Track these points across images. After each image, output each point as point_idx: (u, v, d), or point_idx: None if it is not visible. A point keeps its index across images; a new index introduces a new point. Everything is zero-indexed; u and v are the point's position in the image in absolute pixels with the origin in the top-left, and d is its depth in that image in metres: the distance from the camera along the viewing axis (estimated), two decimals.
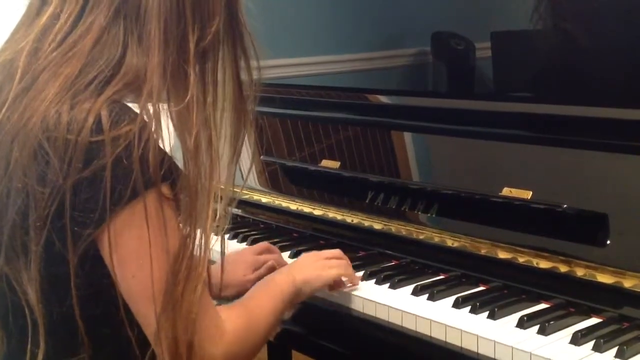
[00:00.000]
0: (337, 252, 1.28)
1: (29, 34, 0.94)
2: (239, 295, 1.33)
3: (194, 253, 0.91)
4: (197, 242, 0.91)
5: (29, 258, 0.88)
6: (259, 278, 1.34)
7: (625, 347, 0.98)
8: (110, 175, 0.84)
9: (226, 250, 1.46)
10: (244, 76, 0.99)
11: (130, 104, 0.92)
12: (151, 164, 0.86)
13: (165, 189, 0.89)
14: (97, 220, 0.86)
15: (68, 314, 0.89)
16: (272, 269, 1.34)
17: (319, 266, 1.21)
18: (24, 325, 0.91)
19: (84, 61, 0.89)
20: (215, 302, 1.34)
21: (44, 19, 0.93)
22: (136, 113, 0.89)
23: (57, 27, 0.92)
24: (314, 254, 1.25)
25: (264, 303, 1.08)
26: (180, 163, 0.93)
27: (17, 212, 0.88)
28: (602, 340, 1.00)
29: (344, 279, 1.26)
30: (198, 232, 0.92)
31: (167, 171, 0.89)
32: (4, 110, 0.91)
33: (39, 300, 0.89)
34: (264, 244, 1.42)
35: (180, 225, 0.91)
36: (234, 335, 0.97)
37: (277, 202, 1.67)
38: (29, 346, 0.91)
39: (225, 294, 1.33)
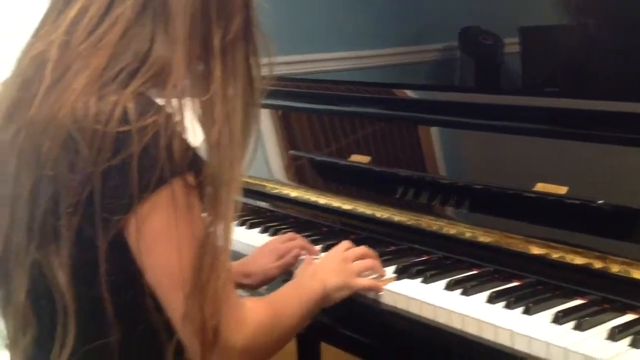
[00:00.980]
0: (363, 250, 1.28)
1: (58, 26, 0.96)
2: (263, 283, 1.36)
3: (217, 243, 0.93)
4: (219, 232, 0.94)
5: (60, 244, 0.91)
6: (283, 266, 1.36)
7: None
8: (137, 163, 0.87)
9: (255, 243, 1.49)
10: (254, 72, 1.02)
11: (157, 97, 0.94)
12: (176, 153, 0.89)
13: (190, 178, 0.92)
14: (125, 206, 0.89)
15: (97, 299, 0.91)
16: (296, 257, 1.36)
17: (349, 273, 1.21)
18: (54, 310, 0.93)
19: (111, 53, 0.92)
20: (245, 293, 1.37)
21: (73, 11, 0.95)
22: (161, 105, 0.91)
23: (86, 20, 0.94)
24: (341, 256, 1.24)
25: (290, 304, 1.10)
26: (202, 153, 0.95)
27: (49, 200, 0.91)
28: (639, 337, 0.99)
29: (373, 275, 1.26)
30: (221, 221, 0.94)
31: (192, 160, 0.92)
32: (37, 102, 0.93)
33: (70, 286, 0.91)
34: (289, 234, 1.43)
35: (204, 215, 0.94)
36: (255, 327, 0.98)
37: (306, 196, 1.67)
38: (58, 331, 0.93)
39: (249, 282, 1.36)
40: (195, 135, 0.97)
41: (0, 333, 1.04)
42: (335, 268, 1.21)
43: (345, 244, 1.29)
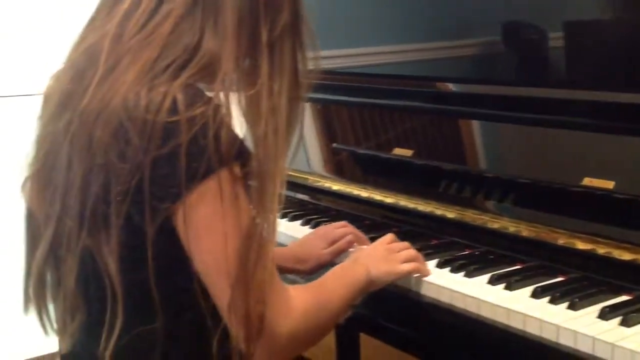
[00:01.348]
0: (407, 244, 1.28)
1: (111, 19, 0.98)
2: (316, 269, 1.37)
3: (263, 234, 0.94)
4: (264, 223, 0.95)
5: (110, 231, 0.93)
6: (336, 251, 1.37)
7: None
8: (186, 152, 0.89)
9: (297, 235, 1.50)
10: (300, 67, 1.03)
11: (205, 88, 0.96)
12: (224, 143, 0.91)
13: (236, 169, 0.93)
14: (173, 195, 0.90)
15: (145, 285, 0.93)
16: (350, 243, 1.37)
17: (392, 259, 1.22)
18: (104, 296, 0.95)
19: (162, 46, 0.94)
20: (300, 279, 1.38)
21: (125, 5, 0.98)
22: (209, 96, 0.93)
23: (138, 13, 0.97)
24: (386, 246, 1.26)
25: (335, 289, 1.11)
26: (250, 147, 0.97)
27: (100, 187, 0.93)
28: None
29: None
30: (266, 212, 0.95)
31: (239, 151, 0.93)
32: (90, 92, 0.95)
33: (118, 272, 0.93)
34: (341, 222, 1.44)
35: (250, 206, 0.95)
36: (301, 314, 1.00)
37: (347, 189, 1.68)
38: (107, 316, 0.95)
39: (302, 267, 1.37)
40: (240, 130, 0.98)
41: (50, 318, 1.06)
42: (379, 255, 1.22)
43: (389, 236, 1.29)
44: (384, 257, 1.22)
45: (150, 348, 0.96)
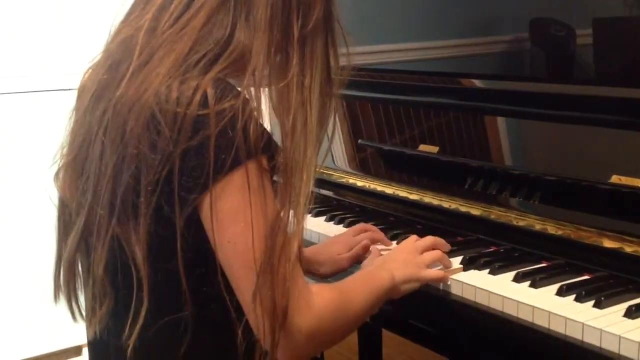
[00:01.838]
0: (430, 241, 1.27)
1: (146, 13, 1.00)
2: (334, 273, 1.36)
3: (288, 228, 0.95)
4: (290, 218, 0.95)
5: (139, 221, 0.94)
6: (353, 257, 1.36)
7: None
8: (214, 144, 0.90)
9: (321, 231, 1.50)
10: (332, 63, 1.04)
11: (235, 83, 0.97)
12: (252, 136, 0.92)
13: (264, 161, 0.94)
14: (201, 186, 0.91)
15: (172, 274, 0.95)
16: (366, 248, 1.36)
17: (417, 265, 1.21)
18: (131, 284, 0.96)
19: (194, 39, 0.96)
20: (313, 280, 1.38)
21: None
22: (239, 91, 0.94)
23: (172, 7, 0.98)
24: (410, 248, 1.24)
25: (359, 292, 1.10)
26: (277, 141, 0.98)
27: (131, 177, 0.94)
28: None
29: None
30: (292, 208, 0.96)
31: (266, 144, 0.94)
32: (124, 84, 0.97)
33: (145, 260, 0.94)
34: (361, 225, 1.44)
35: (276, 199, 0.96)
36: (321, 312, 0.99)
37: (372, 185, 1.67)
38: (133, 304, 0.96)
39: (321, 271, 1.37)
40: (270, 125, 0.99)
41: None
42: (404, 260, 1.21)
43: (413, 237, 1.28)
44: (409, 262, 1.20)
45: (177, 338, 0.97)
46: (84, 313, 1.07)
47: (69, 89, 1.15)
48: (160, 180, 0.92)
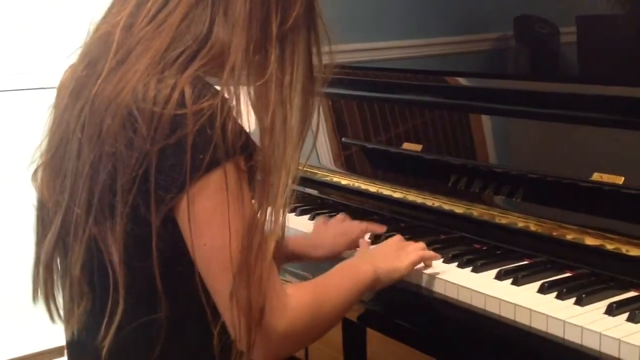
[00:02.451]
0: (419, 244, 1.27)
1: (124, 9, 0.99)
2: (326, 257, 1.36)
3: (265, 227, 0.94)
4: (267, 217, 0.94)
5: (115, 220, 0.93)
6: (351, 244, 1.36)
7: None
8: (192, 144, 0.89)
9: (305, 229, 1.50)
10: (315, 61, 1.03)
11: (213, 81, 0.96)
12: (230, 136, 0.91)
13: (241, 161, 0.93)
14: (178, 185, 0.90)
15: (148, 274, 0.94)
16: (364, 232, 1.38)
17: (399, 257, 1.21)
18: (107, 284, 0.95)
19: (172, 35, 0.95)
20: (294, 279, 1.37)
21: None
22: (217, 89, 0.93)
23: (149, 4, 0.97)
24: (394, 243, 1.25)
25: (339, 286, 1.09)
26: (255, 139, 0.97)
27: (108, 176, 0.93)
28: None
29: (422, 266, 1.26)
30: (269, 207, 0.95)
31: (244, 144, 0.93)
32: (100, 81, 0.96)
33: (121, 261, 0.93)
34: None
35: (253, 199, 0.95)
36: (297, 314, 0.98)
37: (356, 184, 1.67)
38: (109, 304, 0.95)
39: (314, 253, 1.37)
40: (248, 123, 0.98)
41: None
42: (388, 252, 1.21)
43: (398, 236, 1.28)
44: (392, 254, 1.21)
45: (152, 338, 0.96)
46: (62, 313, 1.06)
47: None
48: (136, 178, 0.91)
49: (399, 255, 1.21)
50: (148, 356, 0.97)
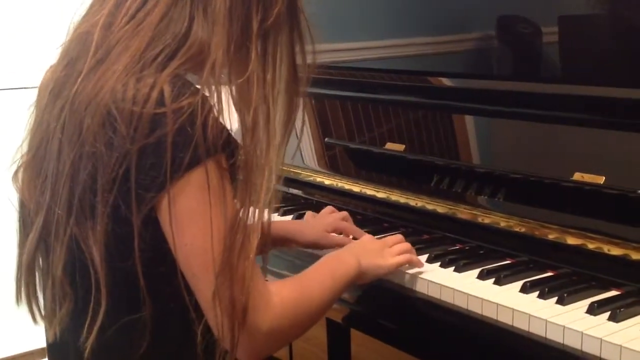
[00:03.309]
0: (399, 237, 1.29)
1: (104, 8, 0.99)
2: (310, 245, 1.37)
3: (247, 225, 0.93)
4: (250, 214, 0.94)
5: (96, 220, 0.93)
6: (336, 241, 1.37)
7: None
8: (172, 142, 0.89)
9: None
10: (299, 60, 1.02)
11: (193, 79, 0.96)
12: (211, 134, 0.90)
13: (223, 160, 0.93)
14: (158, 184, 0.90)
15: (130, 274, 0.93)
16: (346, 218, 1.41)
17: (384, 254, 1.21)
18: (89, 285, 0.94)
19: (151, 34, 0.94)
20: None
21: None
22: (197, 88, 0.93)
23: (128, 3, 0.97)
24: (380, 240, 1.26)
25: (322, 280, 1.08)
26: (237, 137, 0.96)
27: (88, 175, 0.92)
28: None
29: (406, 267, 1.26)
30: (252, 206, 0.94)
31: (226, 142, 0.93)
32: (79, 81, 0.95)
33: (103, 261, 0.93)
34: (344, 214, 1.45)
35: (235, 198, 0.94)
36: (280, 311, 0.98)
37: (339, 184, 1.67)
38: (91, 305, 0.94)
39: (300, 239, 1.38)
40: (230, 122, 0.98)
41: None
42: (372, 247, 1.22)
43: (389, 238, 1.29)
44: (377, 250, 1.22)
45: (136, 338, 0.96)
46: (44, 314, 1.05)
47: None
48: (117, 178, 0.91)
49: (383, 253, 1.22)
50: (132, 355, 0.97)
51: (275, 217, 1.62)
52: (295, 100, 1.02)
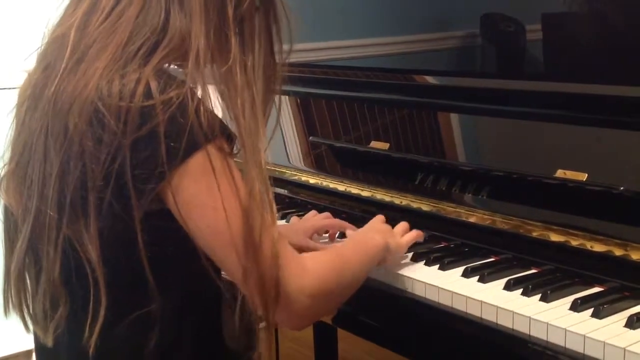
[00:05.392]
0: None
1: (78, 10, 0.98)
2: (302, 245, 1.35)
3: (263, 200, 0.94)
4: (257, 189, 0.94)
5: (89, 218, 0.92)
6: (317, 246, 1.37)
7: None
8: (164, 133, 0.88)
9: None
10: (276, 46, 1.03)
11: (177, 73, 0.96)
12: (206, 120, 0.91)
13: (223, 143, 0.93)
14: (158, 175, 0.90)
15: (133, 269, 0.93)
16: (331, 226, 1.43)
17: (394, 234, 1.26)
18: (87, 284, 0.94)
19: (130, 30, 0.94)
20: None
21: None
22: (183, 80, 0.93)
23: (103, 2, 0.97)
24: (385, 225, 1.29)
25: (354, 254, 1.12)
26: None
27: (78, 175, 0.92)
28: None
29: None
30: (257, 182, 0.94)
31: (222, 126, 0.93)
32: (56, 81, 0.95)
33: (100, 258, 0.92)
34: (326, 213, 1.46)
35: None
36: (320, 273, 1.00)
37: (324, 183, 1.67)
38: (91, 304, 0.94)
39: (293, 240, 1.34)
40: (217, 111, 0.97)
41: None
42: (387, 228, 1.27)
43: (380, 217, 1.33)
44: (390, 230, 1.26)
45: (147, 332, 0.96)
46: (37, 320, 1.03)
47: None
48: (110, 174, 0.90)
49: (393, 234, 1.26)
50: (144, 350, 0.96)
51: None
52: (273, 85, 1.02)
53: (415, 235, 1.31)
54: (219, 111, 0.97)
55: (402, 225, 1.32)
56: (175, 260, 0.95)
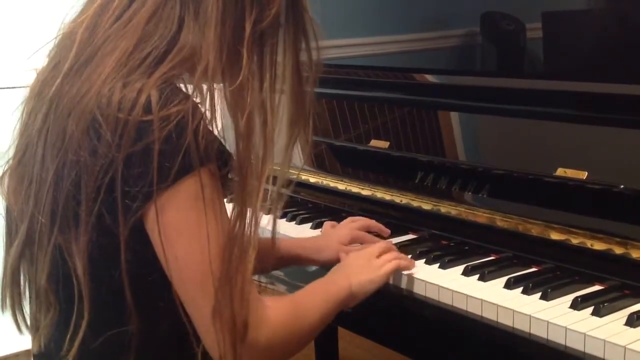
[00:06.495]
0: (383, 244, 1.26)
1: (89, 9, 0.96)
2: (330, 261, 1.30)
3: (245, 236, 0.90)
4: (246, 222, 0.91)
5: (80, 230, 0.89)
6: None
7: None
8: (159, 151, 0.85)
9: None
10: (304, 59, 0.99)
11: (183, 85, 0.92)
12: (203, 142, 0.87)
13: (214, 169, 0.89)
14: (145, 194, 0.86)
15: (116, 286, 0.90)
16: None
17: (373, 268, 1.18)
18: (72, 296, 0.92)
19: (139, 36, 0.90)
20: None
21: None
22: (187, 95, 0.89)
23: (115, 3, 0.93)
24: (366, 253, 1.22)
25: (315, 302, 1.07)
26: (230, 143, 0.93)
27: (71, 184, 0.89)
28: None
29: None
30: (248, 212, 0.91)
31: (218, 151, 0.90)
32: (58, 81, 0.93)
33: (86, 272, 0.90)
34: (363, 221, 1.42)
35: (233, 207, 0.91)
36: (276, 325, 0.96)
37: (325, 182, 1.67)
38: (73, 317, 0.92)
39: (318, 257, 1.33)
40: (222, 122, 0.95)
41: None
42: (360, 264, 1.18)
43: (374, 246, 1.26)
44: (364, 265, 1.18)
45: (122, 352, 0.93)
46: (29, 324, 1.02)
47: None
48: (102, 187, 0.87)
49: (371, 265, 1.18)
50: None
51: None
52: (302, 102, 0.98)
53: (396, 265, 1.21)
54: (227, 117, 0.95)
55: (386, 255, 1.22)
56: (156, 285, 0.91)
